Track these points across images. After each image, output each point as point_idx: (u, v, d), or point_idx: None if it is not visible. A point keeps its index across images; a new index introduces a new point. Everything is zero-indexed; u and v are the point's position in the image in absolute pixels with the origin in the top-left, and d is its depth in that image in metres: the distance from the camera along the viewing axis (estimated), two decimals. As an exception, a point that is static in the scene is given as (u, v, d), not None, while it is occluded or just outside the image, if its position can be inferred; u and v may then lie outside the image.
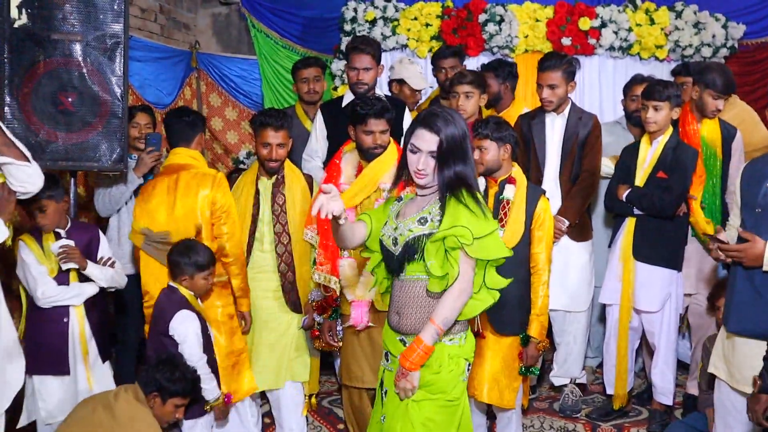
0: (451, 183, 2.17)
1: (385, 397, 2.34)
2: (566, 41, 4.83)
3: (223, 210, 3.08)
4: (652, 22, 4.84)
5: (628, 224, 3.43)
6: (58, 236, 3.01)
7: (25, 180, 2.41)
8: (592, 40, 4.84)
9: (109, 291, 3.15)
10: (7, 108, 3.15)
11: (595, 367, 4.13)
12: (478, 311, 2.25)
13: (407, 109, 3.79)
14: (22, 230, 3.09)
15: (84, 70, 3.22)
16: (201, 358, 2.85)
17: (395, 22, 4.98)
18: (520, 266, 2.94)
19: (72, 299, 2.98)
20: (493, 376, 3.01)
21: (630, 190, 3.38)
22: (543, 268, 3.01)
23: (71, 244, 2.98)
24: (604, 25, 4.82)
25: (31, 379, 2.98)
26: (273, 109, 3.34)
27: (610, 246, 3.60)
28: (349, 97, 3.64)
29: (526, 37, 4.89)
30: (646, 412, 3.67)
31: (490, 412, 3.30)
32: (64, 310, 2.97)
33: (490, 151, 2.98)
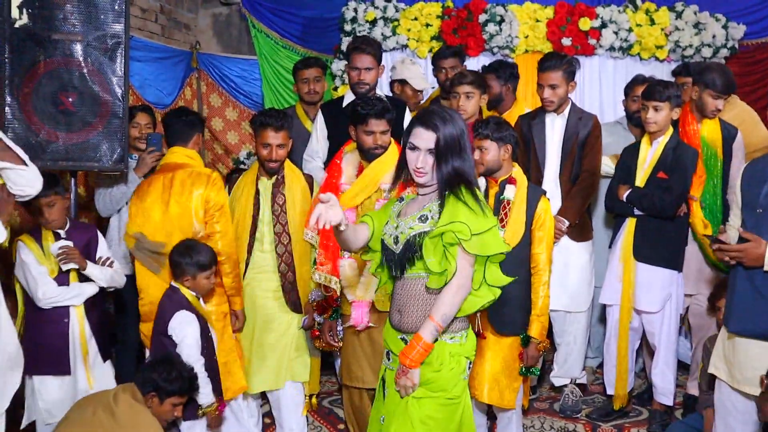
0: (449, 179, 2.17)
1: (386, 396, 2.34)
2: (566, 41, 4.83)
3: (216, 208, 3.08)
4: (653, 22, 4.84)
5: (629, 225, 3.43)
6: (58, 237, 3.02)
7: (23, 184, 2.41)
8: (592, 41, 4.84)
9: (108, 291, 3.16)
10: (7, 108, 3.15)
11: (595, 367, 4.13)
12: (477, 307, 2.24)
13: (408, 110, 3.79)
14: (21, 231, 3.09)
15: (84, 70, 3.23)
16: (198, 360, 2.83)
17: (395, 23, 4.98)
18: (520, 266, 2.94)
19: (72, 299, 2.99)
20: (494, 376, 3.01)
21: (630, 191, 3.38)
22: (543, 269, 3.01)
23: (70, 244, 2.98)
24: (604, 26, 4.82)
25: (31, 379, 2.98)
26: (273, 110, 3.34)
27: (610, 246, 3.60)
28: (349, 98, 3.64)
29: (527, 37, 4.89)
30: (646, 413, 3.66)
31: (491, 413, 3.30)
32: (65, 311, 2.98)
33: (491, 152, 2.98)
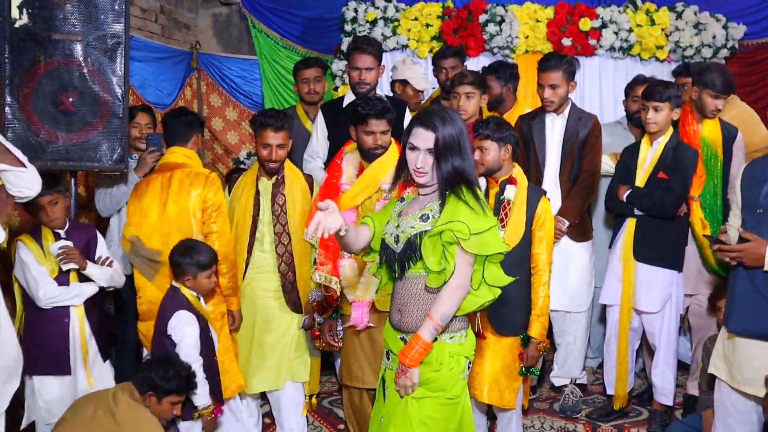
0: (449, 178, 2.17)
1: (386, 396, 2.34)
2: (567, 42, 4.83)
3: (214, 208, 3.09)
4: (653, 22, 4.84)
5: (629, 225, 3.43)
6: (58, 237, 3.02)
7: (22, 186, 2.42)
8: (592, 41, 4.84)
9: (108, 291, 3.16)
10: (7, 108, 3.15)
11: (595, 367, 4.13)
12: (476, 307, 2.24)
13: (408, 110, 3.79)
14: (21, 231, 3.09)
15: (85, 70, 3.23)
16: (197, 360, 2.82)
17: (395, 23, 4.98)
18: (520, 267, 2.93)
19: (73, 299, 2.99)
20: (494, 376, 3.00)
21: (630, 191, 3.38)
22: (543, 269, 3.01)
23: (70, 244, 2.98)
24: (604, 26, 4.82)
25: (31, 379, 2.98)
26: (273, 110, 3.34)
27: (610, 246, 3.60)
28: (349, 98, 3.64)
29: (527, 37, 4.89)
30: (646, 413, 3.66)
31: (491, 413, 3.30)
32: (65, 311, 2.98)
33: (491, 152, 2.98)
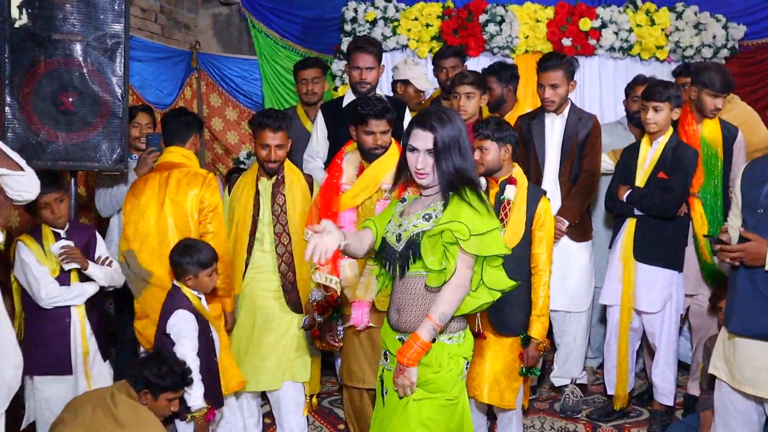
0: (452, 179, 2.17)
1: (385, 397, 2.34)
2: (567, 42, 4.83)
3: (210, 209, 3.10)
4: (653, 22, 4.83)
5: (629, 225, 3.43)
6: (58, 237, 3.02)
7: (21, 189, 2.42)
8: (592, 41, 4.84)
9: (108, 291, 3.16)
10: (7, 108, 3.15)
11: (595, 367, 4.13)
12: (473, 308, 2.23)
13: (408, 110, 3.79)
14: (21, 231, 3.09)
15: (84, 70, 3.23)
16: (194, 360, 2.80)
17: (395, 23, 4.98)
18: (520, 267, 2.93)
19: (74, 299, 3.00)
20: (494, 376, 3.00)
21: (630, 191, 3.38)
22: (544, 269, 3.01)
23: (71, 244, 2.99)
24: (604, 26, 4.82)
25: (31, 379, 2.98)
26: (272, 110, 3.33)
27: (610, 247, 3.60)
28: (349, 97, 3.64)
29: (527, 37, 4.89)
30: (646, 413, 3.66)
31: (491, 413, 3.30)
32: (66, 310, 2.99)
33: (491, 152, 2.98)
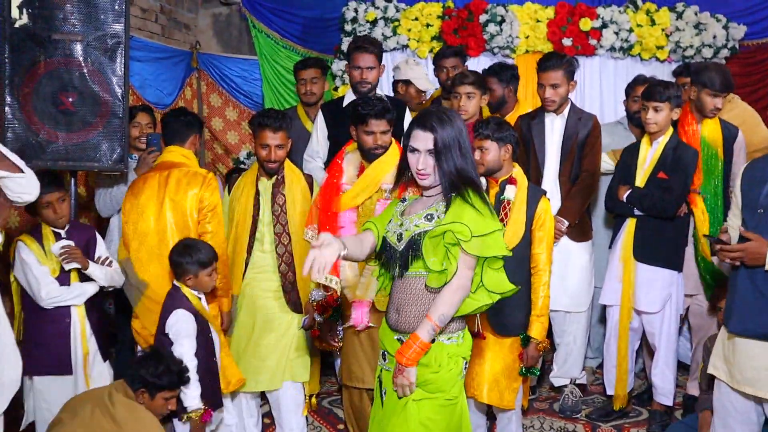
0: (453, 179, 2.17)
1: (384, 397, 2.34)
2: (567, 42, 4.83)
3: (210, 209, 3.11)
4: (653, 22, 4.83)
5: (629, 225, 3.43)
6: (58, 237, 3.02)
7: (20, 191, 2.42)
8: (592, 41, 4.84)
9: (108, 291, 3.16)
10: (7, 108, 3.16)
11: (595, 367, 4.13)
12: (471, 309, 2.23)
13: (408, 110, 3.79)
14: (21, 231, 3.10)
15: (84, 70, 3.23)
16: (191, 360, 2.80)
17: (396, 23, 4.98)
18: (520, 267, 2.94)
19: (75, 299, 2.99)
20: (494, 376, 3.00)
21: (630, 191, 3.38)
22: (543, 269, 3.01)
23: (72, 244, 2.99)
24: (604, 26, 4.82)
25: (31, 379, 2.98)
26: (272, 110, 3.33)
27: (610, 247, 3.60)
28: (350, 97, 3.64)
29: (527, 37, 4.89)
30: (646, 413, 3.66)
31: (490, 413, 3.30)
32: (66, 310, 2.98)
33: (491, 152, 2.98)
